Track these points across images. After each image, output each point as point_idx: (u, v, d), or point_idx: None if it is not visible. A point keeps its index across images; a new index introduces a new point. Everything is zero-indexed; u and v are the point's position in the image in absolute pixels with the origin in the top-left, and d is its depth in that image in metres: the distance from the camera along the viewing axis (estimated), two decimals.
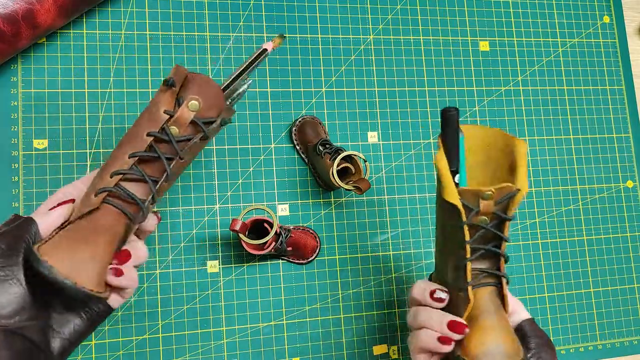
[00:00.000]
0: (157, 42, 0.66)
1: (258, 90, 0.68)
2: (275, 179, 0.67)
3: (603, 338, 0.73)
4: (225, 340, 0.62)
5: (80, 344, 0.53)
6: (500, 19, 0.78)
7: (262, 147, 0.67)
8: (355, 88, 0.71)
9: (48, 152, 0.61)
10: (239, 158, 0.66)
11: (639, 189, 0.78)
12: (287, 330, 0.64)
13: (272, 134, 0.68)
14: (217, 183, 0.65)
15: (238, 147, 0.66)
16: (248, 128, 0.67)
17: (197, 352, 0.61)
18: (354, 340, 0.66)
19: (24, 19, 0.55)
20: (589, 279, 0.74)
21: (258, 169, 0.66)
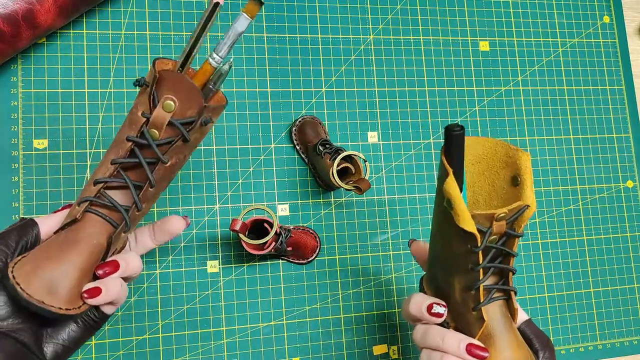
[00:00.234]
0: (157, 42, 0.66)
1: (258, 90, 0.68)
2: (275, 179, 0.67)
3: (603, 338, 0.73)
4: (225, 340, 0.62)
5: None
6: (500, 19, 0.78)
7: (262, 147, 0.67)
8: (355, 88, 0.71)
9: (48, 152, 0.61)
10: (239, 158, 0.66)
11: (639, 189, 0.78)
12: (287, 330, 0.64)
13: (272, 134, 0.68)
14: (217, 183, 0.65)
15: (238, 147, 0.66)
16: (248, 128, 0.67)
17: (197, 352, 0.61)
18: (354, 340, 0.66)
19: (24, 19, 0.55)
20: (589, 279, 0.74)
21: (258, 169, 0.66)
